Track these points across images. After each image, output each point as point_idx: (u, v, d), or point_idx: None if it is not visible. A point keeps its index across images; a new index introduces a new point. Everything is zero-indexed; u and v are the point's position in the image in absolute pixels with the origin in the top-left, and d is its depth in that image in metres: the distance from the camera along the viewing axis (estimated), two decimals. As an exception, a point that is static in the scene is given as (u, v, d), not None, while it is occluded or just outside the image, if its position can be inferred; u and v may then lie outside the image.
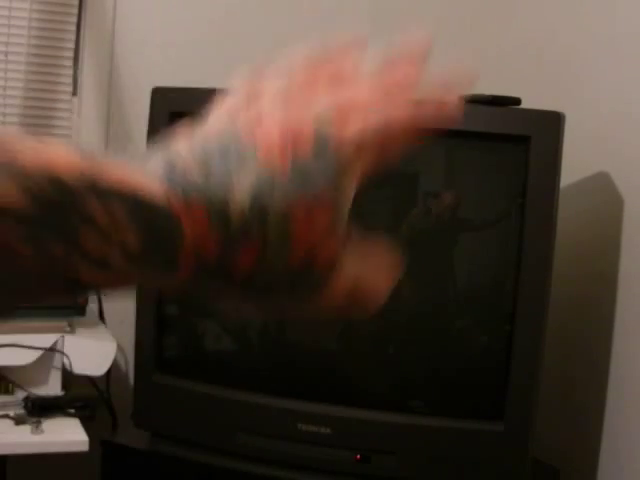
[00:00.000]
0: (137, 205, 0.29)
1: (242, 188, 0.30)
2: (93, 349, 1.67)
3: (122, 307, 1.79)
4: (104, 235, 0.28)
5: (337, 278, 0.33)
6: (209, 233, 0.30)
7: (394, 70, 0.36)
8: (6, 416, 1.57)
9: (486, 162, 1.46)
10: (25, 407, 1.60)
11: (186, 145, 0.33)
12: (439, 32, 1.75)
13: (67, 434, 1.55)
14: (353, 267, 0.34)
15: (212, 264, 0.30)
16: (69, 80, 1.85)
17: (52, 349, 1.62)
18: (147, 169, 0.31)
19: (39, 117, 1.86)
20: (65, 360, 1.62)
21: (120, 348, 1.76)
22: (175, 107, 1.48)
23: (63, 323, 1.68)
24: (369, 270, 0.35)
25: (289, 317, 0.30)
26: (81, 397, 1.65)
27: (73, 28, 1.83)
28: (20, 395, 1.62)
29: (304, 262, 0.31)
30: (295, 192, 0.31)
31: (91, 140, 1.88)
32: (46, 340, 1.61)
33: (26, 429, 1.54)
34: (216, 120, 0.35)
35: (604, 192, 1.59)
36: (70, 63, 1.84)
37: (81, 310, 1.73)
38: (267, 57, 0.39)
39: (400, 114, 0.35)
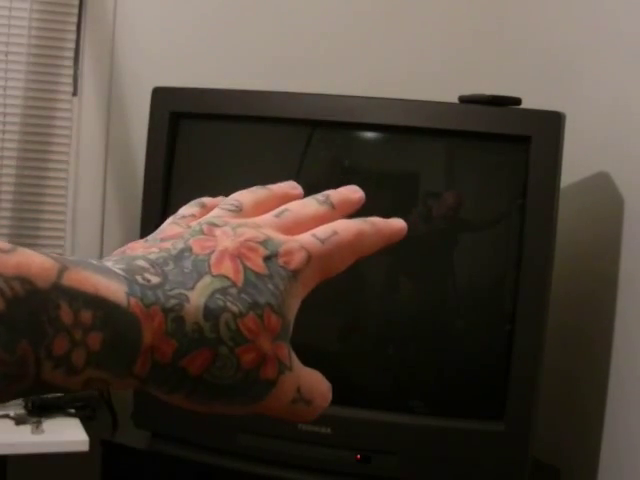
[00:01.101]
0: (101, 307, 0.31)
1: (197, 295, 0.33)
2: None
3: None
4: (69, 335, 0.30)
5: (284, 382, 0.35)
6: (165, 336, 0.32)
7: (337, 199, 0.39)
8: (6, 416, 1.57)
9: (486, 162, 1.46)
10: (25, 407, 1.60)
11: (143, 249, 0.35)
12: (439, 32, 1.75)
13: (67, 434, 1.55)
14: (298, 374, 0.36)
15: (167, 364, 0.32)
16: (69, 80, 1.85)
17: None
18: (110, 272, 0.32)
19: (39, 117, 1.86)
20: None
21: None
22: (175, 107, 1.48)
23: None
24: (311, 380, 0.37)
25: (234, 415, 0.32)
26: (81, 397, 1.65)
27: (73, 28, 1.83)
28: (20, 395, 1.62)
29: (256, 366, 0.33)
30: (247, 301, 0.33)
31: (91, 140, 1.88)
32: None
33: (26, 429, 1.54)
34: (170, 229, 0.37)
35: (604, 192, 1.59)
36: (70, 63, 1.84)
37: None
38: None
39: (347, 234, 0.37)
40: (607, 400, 1.54)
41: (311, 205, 0.39)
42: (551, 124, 1.34)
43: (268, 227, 0.36)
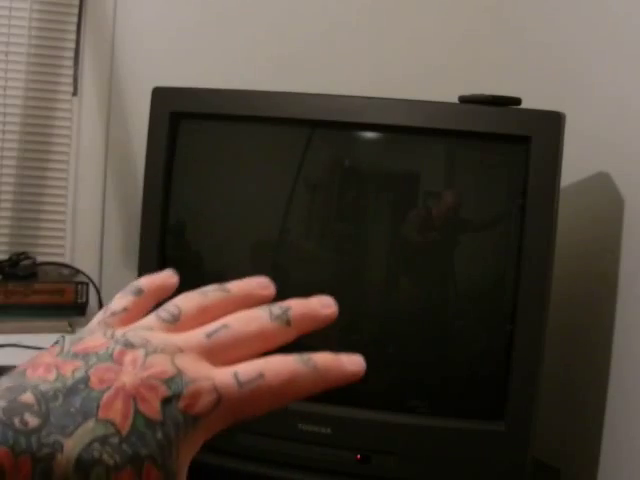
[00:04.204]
0: None
1: (72, 444, 0.29)
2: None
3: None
4: None
5: None
6: None
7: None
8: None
9: (486, 162, 1.46)
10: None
11: (43, 371, 0.31)
12: (440, 32, 1.75)
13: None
14: None
15: None
16: (69, 80, 1.85)
17: (52, 349, 1.62)
18: None
19: (39, 117, 1.86)
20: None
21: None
22: (175, 107, 1.48)
23: (63, 323, 1.68)
24: None
25: None
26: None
27: (73, 28, 1.83)
28: (20, 395, 1.62)
29: None
30: (127, 453, 0.30)
31: (91, 140, 1.88)
32: (46, 340, 1.61)
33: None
34: (91, 339, 0.33)
35: (604, 192, 1.59)
36: (70, 63, 1.84)
37: (81, 310, 1.73)
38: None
39: (276, 379, 0.33)
40: (607, 400, 1.54)
41: (259, 320, 0.35)
42: (551, 124, 1.34)
43: (192, 351, 0.32)
